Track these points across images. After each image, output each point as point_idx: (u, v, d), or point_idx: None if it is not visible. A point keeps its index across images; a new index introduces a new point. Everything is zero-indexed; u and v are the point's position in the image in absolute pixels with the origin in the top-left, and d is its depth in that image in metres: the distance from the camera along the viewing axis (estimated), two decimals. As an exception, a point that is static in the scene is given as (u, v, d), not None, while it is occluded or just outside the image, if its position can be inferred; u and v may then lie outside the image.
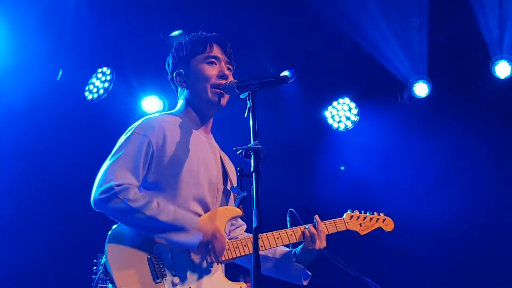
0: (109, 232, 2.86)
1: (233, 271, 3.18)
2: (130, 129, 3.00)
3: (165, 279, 2.81)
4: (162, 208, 2.81)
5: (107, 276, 2.75)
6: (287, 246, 3.31)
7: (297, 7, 6.31)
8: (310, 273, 3.28)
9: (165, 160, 2.94)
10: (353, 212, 3.51)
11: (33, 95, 5.98)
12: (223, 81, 3.11)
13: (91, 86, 6.48)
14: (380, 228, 3.54)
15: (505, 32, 6.26)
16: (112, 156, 2.90)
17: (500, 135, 6.66)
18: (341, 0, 6.13)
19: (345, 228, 3.42)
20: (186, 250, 2.89)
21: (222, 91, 3.09)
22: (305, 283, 3.28)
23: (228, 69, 3.21)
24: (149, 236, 2.85)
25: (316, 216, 3.31)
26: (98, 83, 6.45)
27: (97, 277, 2.83)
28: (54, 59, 5.97)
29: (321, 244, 3.22)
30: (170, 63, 3.29)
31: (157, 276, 2.80)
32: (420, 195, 6.82)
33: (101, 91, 6.41)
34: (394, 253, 6.61)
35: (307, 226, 3.25)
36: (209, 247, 2.86)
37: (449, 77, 6.75)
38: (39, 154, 6.18)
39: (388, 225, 3.57)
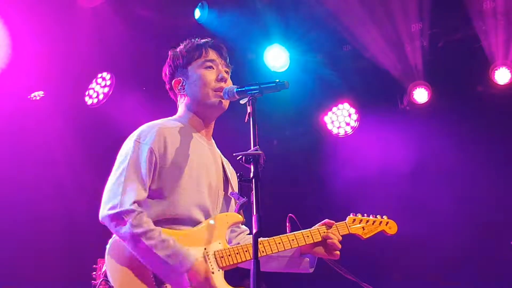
0: (110, 240, 2.83)
1: (234, 274, 3.16)
2: (131, 138, 2.97)
3: (166, 287, 2.77)
4: (161, 240, 2.72)
5: (108, 285, 2.72)
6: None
7: (297, 10, 6.32)
8: (315, 260, 3.27)
9: (166, 167, 2.92)
10: (355, 215, 3.41)
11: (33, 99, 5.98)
12: (223, 84, 3.11)
13: (91, 91, 6.48)
14: (382, 232, 3.43)
15: (504, 39, 6.27)
16: (117, 168, 2.88)
17: (500, 141, 6.66)
18: (342, 5, 6.15)
19: (348, 232, 3.31)
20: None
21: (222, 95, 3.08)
22: (311, 270, 3.27)
23: (226, 72, 3.21)
24: None
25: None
26: (98, 88, 6.46)
27: (98, 285, 2.80)
28: (54, 63, 5.96)
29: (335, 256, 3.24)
30: (167, 73, 3.28)
31: (158, 284, 2.77)
32: (420, 199, 6.81)
33: (101, 96, 6.43)
34: (392, 256, 6.59)
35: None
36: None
37: (449, 83, 6.76)
38: (39, 158, 6.17)
39: (391, 228, 3.45)
